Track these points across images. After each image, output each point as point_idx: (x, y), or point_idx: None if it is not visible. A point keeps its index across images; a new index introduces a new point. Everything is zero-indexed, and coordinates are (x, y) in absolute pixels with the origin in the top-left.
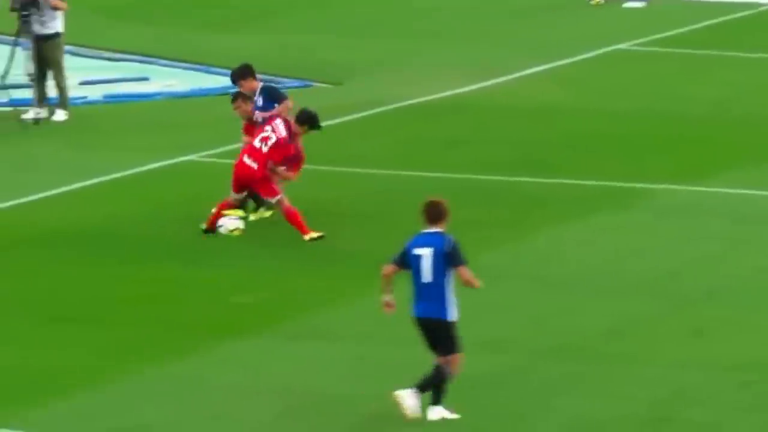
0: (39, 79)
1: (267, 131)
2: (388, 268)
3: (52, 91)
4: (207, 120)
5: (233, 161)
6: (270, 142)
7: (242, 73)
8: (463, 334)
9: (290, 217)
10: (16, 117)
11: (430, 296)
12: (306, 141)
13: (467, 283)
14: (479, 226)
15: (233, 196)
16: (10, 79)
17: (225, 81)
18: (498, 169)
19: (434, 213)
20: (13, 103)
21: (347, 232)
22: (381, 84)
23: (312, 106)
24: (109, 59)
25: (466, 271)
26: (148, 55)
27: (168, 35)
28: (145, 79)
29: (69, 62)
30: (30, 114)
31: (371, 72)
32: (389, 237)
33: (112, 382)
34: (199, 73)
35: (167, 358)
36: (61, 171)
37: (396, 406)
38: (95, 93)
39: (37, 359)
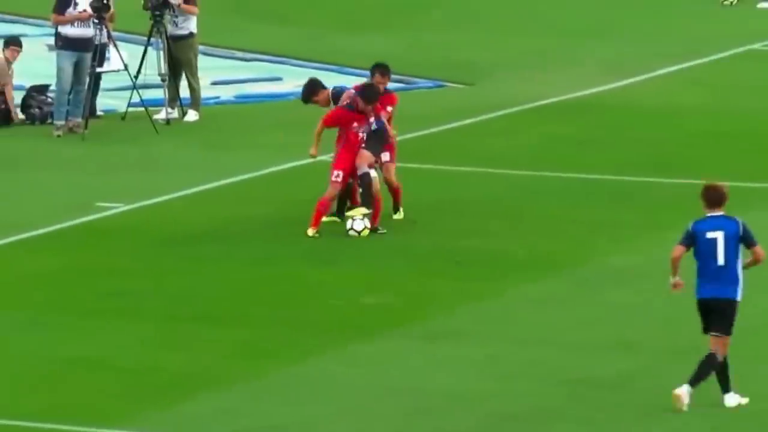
0: (171, 80)
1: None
2: (678, 249)
3: (184, 91)
4: None
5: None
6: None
7: (311, 91)
8: (594, 335)
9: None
10: (148, 117)
11: (723, 277)
12: (440, 141)
13: (760, 261)
14: (611, 226)
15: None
16: (143, 80)
17: (358, 81)
18: (630, 169)
19: (716, 196)
20: (145, 103)
21: (478, 232)
22: (514, 84)
23: (446, 106)
24: (241, 59)
25: (761, 250)
26: (281, 55)
27: (301, 35)
28: (278, 79)
29: (201, 62)
30: (162, 114)
31: (504, 72)
32: (521, 237)
33: (241, 382)
34: (332, 73)
35: (297, 358)
36: (193, 171)
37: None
38: (227, 93)
39: (168, 359)
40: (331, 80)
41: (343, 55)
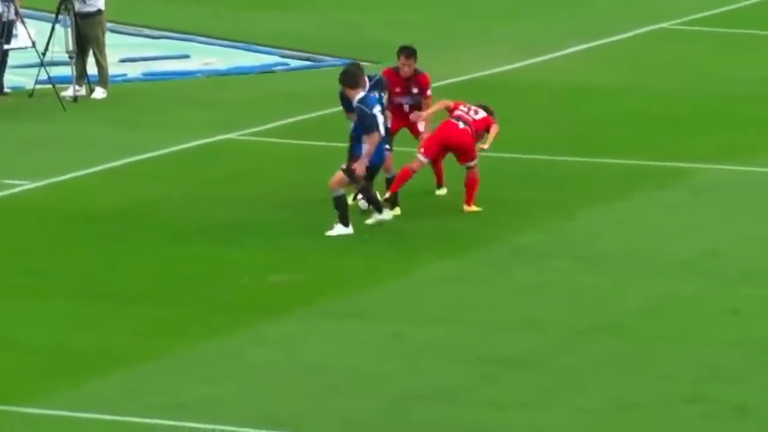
0: (79, 57)
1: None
2: None
3: (92, 68)
4: (246, 98)
5: (269, 140)
6: (477, 115)
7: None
8: (502, 314)
9: (470, 183)
10: (55, 94)
11: None
12: (343, 119)
13: None
14: (520, 205)
15: (423, 159)
16: (51, 57)
17: (265, 59)
18: (540, 147)
19: None
20: (53, 80)
21: None
22: (424, 62)
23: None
24: (149, 37)
25: None
26: (188, 32)
27: (209, 13)
28: (186, 56)
29: (109, 40)
30: (69, 92)
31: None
32: (429, 216)
33: (151, 360)
34: (239, 51)
35: (206, 336)
36: (101, 149)
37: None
38: (135, 70)
39: (77, 338)
40: (239, 58)
41: (251, 33)
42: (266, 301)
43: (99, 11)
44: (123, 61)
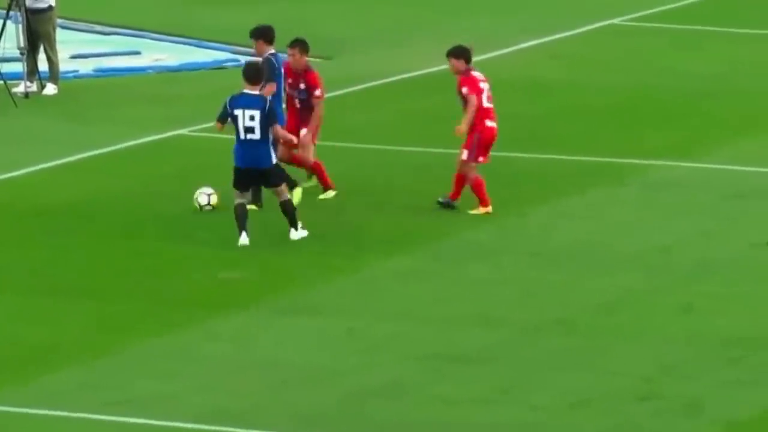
0: (30, 53)
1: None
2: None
3: (43, 64)
4: (198, 94)
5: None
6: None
7: (257, 33)
8: (453, 310)
9: (459, 181)
10: (6, 90)
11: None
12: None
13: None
14: (470, 201)
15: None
16: (1, 53)
17: (216, 55)
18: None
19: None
20: (4, 76)
21: (336, 206)
22: (373, 58)
23: None
24: (100, 33)
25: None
26: (139, 28)
27: (159, 9)
28: (137, 53)
29: (60, 36)
30: (20, 88)
31: (363, 46)
32: (380, 212)
33: (102, 356)
34: (190, 47)
35: (158, 332)
36: (52, 145)
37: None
38: (86, 67)
39: (28, 333)
40: (191, 55)
41: (203, 29)
42: (218, 297)
43: (50, 7)
44: (74, 57)
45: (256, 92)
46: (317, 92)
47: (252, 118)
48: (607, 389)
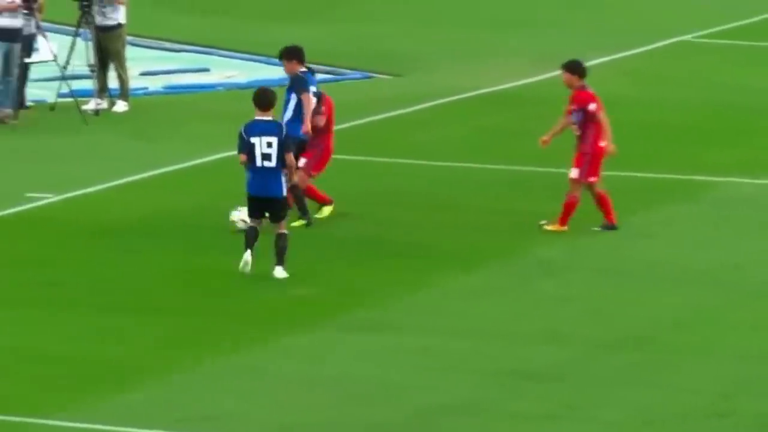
0: (100, 70)
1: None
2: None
3: (113, 82)
4: None
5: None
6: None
7: (289, 54)
8: (525, 326)
9: (601, 202)
10: (76, 108)
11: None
12: (368, 132)
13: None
14: (538, 217)
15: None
16: (72, 70)
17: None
18: (559, 161)
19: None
20: (74, 94)
21: (406, 223)
22: (442, 75)
23: (374, 97)
24: (170, 50)
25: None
26: (209, 45)
27: (229, 26)
28: (206, 70)
29: (130, 53)
30: (91, 105)
31: (433, 63)
32: (449, 229)
33: (173, 373)
34: (259, 64)
35: (230, 349)
36: (122, 162)
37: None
38: (156, 84)
39: (100, 350)
40: (260, 72)
41: (270, 46)
42: (290, 314)
43: (119, 25)
44: (144, 74)
45: (270, 118)
46: (322, 109)
47: (269, 145)
48: (681, 406)
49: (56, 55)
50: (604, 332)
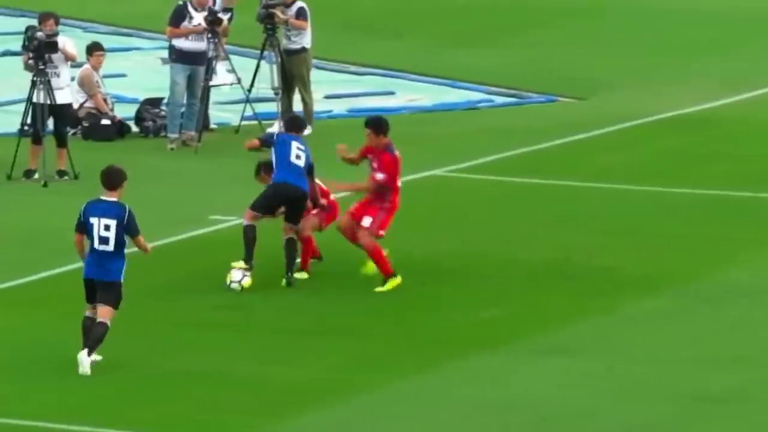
0: (284, 93)
1: None
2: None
3: (297, 105)
4: (452, 134)
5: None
6: None
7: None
8: (709, 350)
9: None
10: (261, 131)
11: None
12: (552, 155)
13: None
14: (727, 241)
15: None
16: (256, 93)
17: (470, 95)
18: (747, 184)
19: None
20: (259, 116)
21: (591, 247)
22: (627, 98)
23: (558, 121)
24: (355, 73)
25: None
26: (394, 69)
27: (415, 49)
28: (391, 93)
29: (315, 76)
30: (275, 127)
31: (618, 86)
32: (634, 252)
33: (357, 395)
34: (444, 88)
35: (414, 371)
36: None
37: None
38: (340, 107)
39: (281, 372)
40: (445, 95)
41: (456, 70)
42: (476, 336)
43: (303, 49)
44: (328, 97)
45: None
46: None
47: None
48: None
49: (240, 78)
50: None
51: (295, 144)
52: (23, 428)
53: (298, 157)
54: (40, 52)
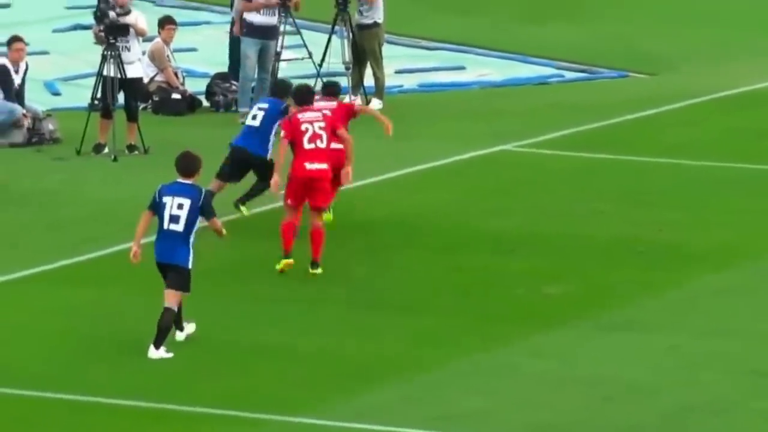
0: (355, 68)
1: None
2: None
3: (368, 79)
4: (522, 109)
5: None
6: None
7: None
8: None
9: None
10: None
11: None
12: (622, 131)
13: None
14: None
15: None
16: (327, 68)
17: (540, 70)
18: None
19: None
20: None
21: (658, 222)
22: (696, 74)
23: (628, 96)
24: (425, 48)
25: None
26: (464, 44)
27: (485, 25)
28: (461, 68)
29: (386, 51)
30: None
31: (687, 62)
32: (702, 228)
33: (424, 371)
34: (514, 63)
35: (480, 348)
36: (376, 160)
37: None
38: (411, 82)
39: (350, 347)
40: (515, 70)
41: (526, 45)
42: (540, 313)
43: (375, 23)
44: (399, 72)
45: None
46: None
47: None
48: None
49: (311, 53)
50: None
51: (256, 106)
52: (92, 405)
53: (254, 117)
54: (111, 28)
